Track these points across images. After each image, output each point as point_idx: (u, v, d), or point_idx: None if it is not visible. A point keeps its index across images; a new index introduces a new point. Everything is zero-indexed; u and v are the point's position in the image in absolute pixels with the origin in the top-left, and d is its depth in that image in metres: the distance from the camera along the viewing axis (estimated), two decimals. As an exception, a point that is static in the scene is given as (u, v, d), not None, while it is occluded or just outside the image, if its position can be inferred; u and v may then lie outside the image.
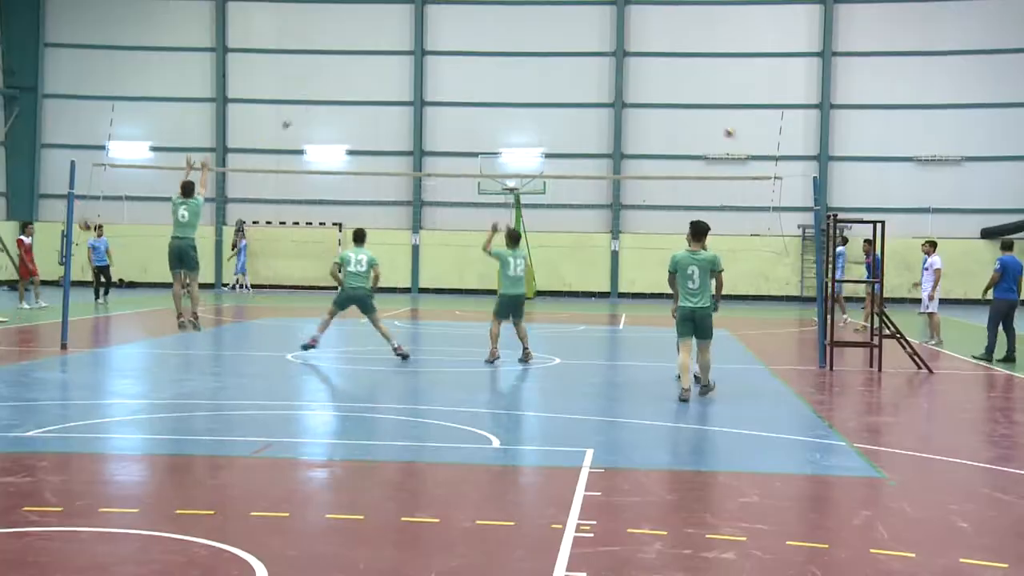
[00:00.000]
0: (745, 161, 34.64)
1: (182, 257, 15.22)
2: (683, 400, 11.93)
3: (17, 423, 9.86)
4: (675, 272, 12.64)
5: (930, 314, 19.63)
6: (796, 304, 33.89)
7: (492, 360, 15.23)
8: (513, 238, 15.80)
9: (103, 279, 27.40)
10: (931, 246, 19.94)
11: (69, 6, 35.95)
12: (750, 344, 19.37)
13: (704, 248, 12.59)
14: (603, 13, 35.33)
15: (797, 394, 12.97)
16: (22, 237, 25.21)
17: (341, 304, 15.84)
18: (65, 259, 17.88)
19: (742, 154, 34.66)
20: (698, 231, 12.65)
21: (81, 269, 30.59)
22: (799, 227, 34.08)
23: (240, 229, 35.04)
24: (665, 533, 6.58)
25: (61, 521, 6.54)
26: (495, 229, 15.65)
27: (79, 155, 23.33)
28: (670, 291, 12.98)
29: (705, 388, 12.42)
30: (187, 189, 15.50)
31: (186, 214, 15.32)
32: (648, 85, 35.24)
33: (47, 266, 34.94)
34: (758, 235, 34.06)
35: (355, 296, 15.64)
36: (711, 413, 11.39)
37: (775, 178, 17.63)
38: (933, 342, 19.19)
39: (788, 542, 6.48)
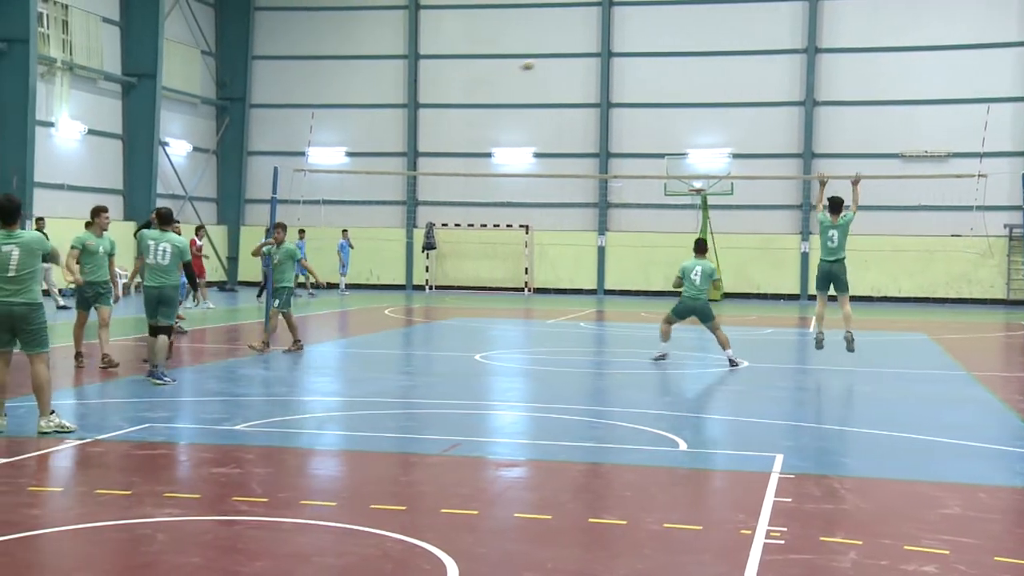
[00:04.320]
0: (945, 158, 33.14)
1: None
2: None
3: (227, 417, 10.42)
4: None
5: None
6: (1001, 308, 32.15)
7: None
8: (699, 248, 15.87)
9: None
10: None
11: (275, 21, 37.71)
12: (950, 349, 18.54)
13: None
14: (793, 10, 34.48)
15: (1003, 401, 12.31)
16: (194, 239, 25.96)
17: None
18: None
19: (942, 151, 33.17)
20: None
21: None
22: (1005, 227, 32.35)
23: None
24: (860, 543, 6.36)
25: (266, 511, 6.87)
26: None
27: (281, 161, 24.43)
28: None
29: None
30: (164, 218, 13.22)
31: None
32: (840, 82, 34.17)
33: (250, 268, 36.76)
34: (959, 235, 32.58)
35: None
36: (908, 419, 10.95)
37: (979, 176, 16.83)
38: None
39: (996, 558, 6.16)
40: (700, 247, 16.04)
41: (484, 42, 36.30)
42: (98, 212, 13.64)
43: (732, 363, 15.08)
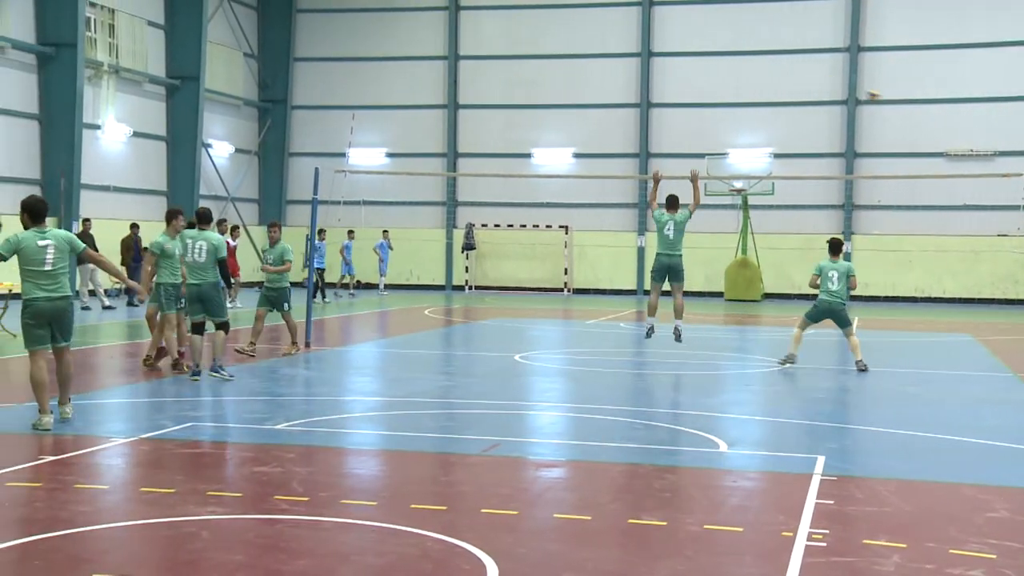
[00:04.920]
0: (991, 157, 32.71)
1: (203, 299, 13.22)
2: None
3: (268, 416, 10.51)
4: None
5: None
6: (1048, 308, 31.67)
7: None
8: (834, 249, 15.51)
9: (320, 281, 28.47)
10: None
11: (316, 23, 37.96)
12: (996, 350, 18.30)
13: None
14: (836, 8, 34.18)
15: (1050, 405, 12.14)
16: (227, 239, 25.90)
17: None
18: (309, 262, 18.94)
19: (988, 150, 32.74)
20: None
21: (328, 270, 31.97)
22: (1054, 227, 31.88)
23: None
24: (904, 546, 6.30)
25: (307, 510, 6.92)
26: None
27: (322, 162, 24.58)
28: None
29: None
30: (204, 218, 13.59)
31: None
32: (884, 80, 33.81)
33: (293, 268, 36.95)
34: (1006, 235, 32.17)
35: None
36: (953, 421, 10.83)
37: (1027, 175, 16.60)
38: None
39: (1042, 562, 6.07)
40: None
41: (524, 42, 36.32)
42: (174, 215, 13.68)
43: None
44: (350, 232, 30.93)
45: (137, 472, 8.28)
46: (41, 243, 9.47)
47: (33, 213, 9.61)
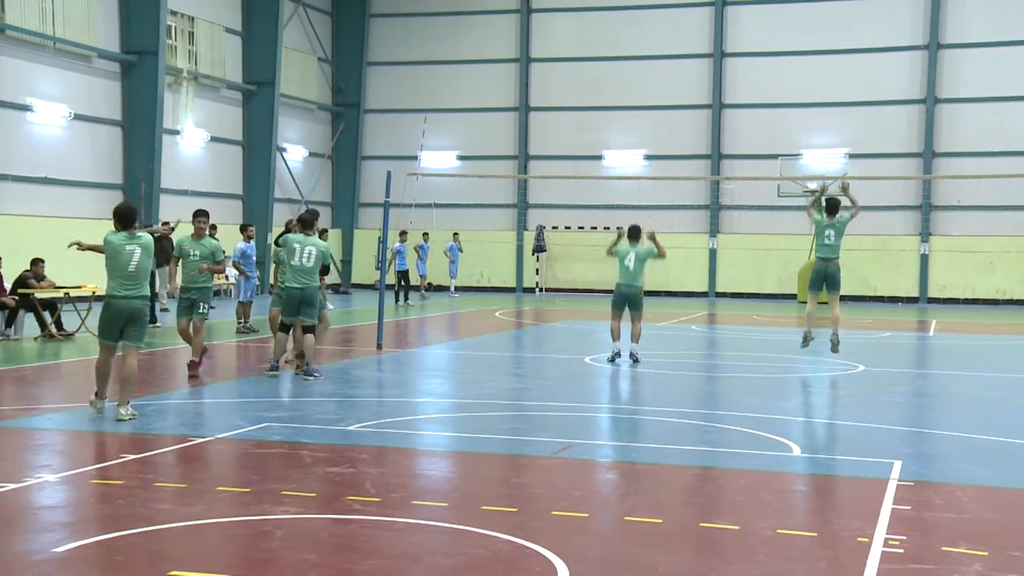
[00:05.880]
0: (1076, 155, 31.84)
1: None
2: None
3: (341, 418, 10.63)
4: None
5: None
6: None
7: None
8: (632, 234, 15.39)
9: (403, 283, 28.72)
10: None
11: (389, 27, 38.32)
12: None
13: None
14: (916, 4, 33.55)
15: None
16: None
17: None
18: (381, 264, 19.14)
19: (1073, 148, 31.89)
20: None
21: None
22: None
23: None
24: (985, 553, 6.16)
25: (379, 511, 6.98)
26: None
27: (394, 165, 24.79)
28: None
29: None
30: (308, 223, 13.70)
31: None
32: (964, 78, 33.10)
33: (364, 271, 37.40)
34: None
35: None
36: (1035, 428, 10.56)
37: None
38: None
39: None
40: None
41: (595, 44, 36.24)
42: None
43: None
44: (425, 234, 31.24)
45: (214, 471, 8.43)
46: (128, 247, 10.14)
47: (122, 219, 10.27)
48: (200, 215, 13.89)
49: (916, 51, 33.55)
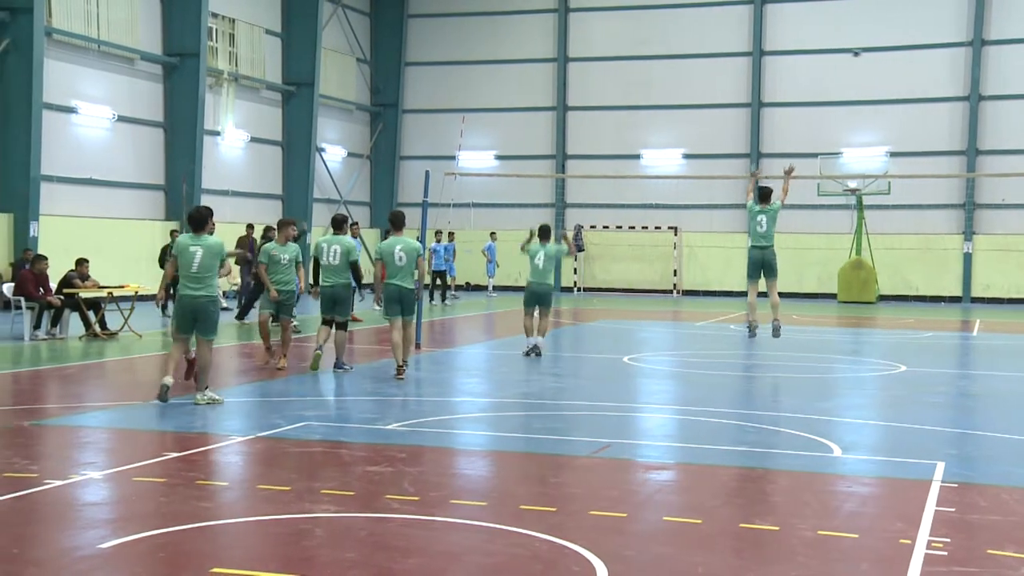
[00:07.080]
0: (1123, 152, 31.32)
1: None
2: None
3: (379, 417, 10.69)
4: None
5: None
6: None
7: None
8: (542, 234, 16.12)
9: (439, 282, 28.67)
10: None
11: (427, 28, 38.43)
12: None
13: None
14: (958, 1, 33.13)
15: None
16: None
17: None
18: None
19: (1121, 145, 31.37)
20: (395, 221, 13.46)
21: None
22: None
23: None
24: (1029, 557, 6.09)
25: (418, 510, 7.01)
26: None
27: (432, 165, 24.84)
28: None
29: None
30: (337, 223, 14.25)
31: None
32: (1009, 74, 32.66)
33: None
34: None
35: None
36: (1082, 430, 10.40)
37: None
38: None
39: None
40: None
41: (633, 43, 36.13)
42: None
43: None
44: (451, 234, 30.57)
45: (254, 469, 8.51)
46: (192, 248, 11.01)
47: (191, 221, 11.28)
48: (287, 224, 14.47)
49: (959, 48, 33.14)
